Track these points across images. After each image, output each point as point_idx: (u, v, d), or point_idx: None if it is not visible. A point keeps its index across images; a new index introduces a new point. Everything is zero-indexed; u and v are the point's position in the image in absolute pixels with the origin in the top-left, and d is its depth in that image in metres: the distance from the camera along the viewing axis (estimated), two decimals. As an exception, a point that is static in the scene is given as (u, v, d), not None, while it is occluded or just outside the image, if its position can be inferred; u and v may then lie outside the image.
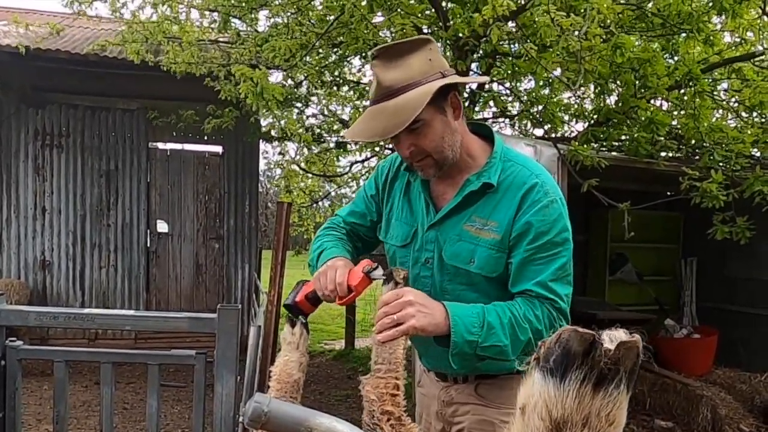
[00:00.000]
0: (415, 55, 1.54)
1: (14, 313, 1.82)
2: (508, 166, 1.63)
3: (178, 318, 1.82)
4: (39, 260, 7.44)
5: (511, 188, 1.59)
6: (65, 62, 6.69)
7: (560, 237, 1.56)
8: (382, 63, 1.55)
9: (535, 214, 1.54)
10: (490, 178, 1.61)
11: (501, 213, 1.59)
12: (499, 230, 1.58)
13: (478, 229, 1.61)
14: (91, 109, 7.51)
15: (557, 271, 1.55)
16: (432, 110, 1.53)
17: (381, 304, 1.47)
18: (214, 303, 8.03)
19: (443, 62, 1.59)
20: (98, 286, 7.59)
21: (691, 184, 3.72)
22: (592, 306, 5.63)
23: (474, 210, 1.63)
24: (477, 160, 1.66)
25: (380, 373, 1.45)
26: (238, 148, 7.90)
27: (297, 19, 5.32)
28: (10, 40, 6.67)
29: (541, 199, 1.55)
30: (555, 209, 1.56)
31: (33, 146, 7.39)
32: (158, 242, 7.89)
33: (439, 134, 1.57)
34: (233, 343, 1.75)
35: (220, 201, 8.02)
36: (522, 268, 1.56)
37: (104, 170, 7.56)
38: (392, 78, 1.53)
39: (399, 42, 1.59)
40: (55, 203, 7.45)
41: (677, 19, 4.28)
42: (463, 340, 1.46)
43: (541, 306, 1.53)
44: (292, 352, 1.76)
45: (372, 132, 1.55)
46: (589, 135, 4.67)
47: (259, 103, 4.56)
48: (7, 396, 1.85)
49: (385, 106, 1.53)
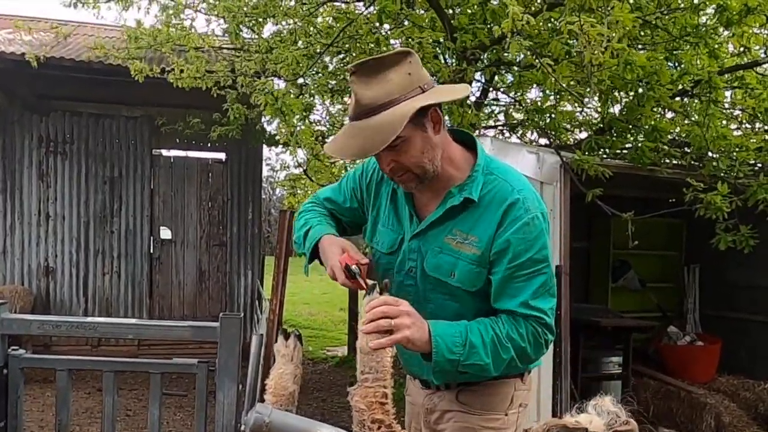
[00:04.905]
0: (394, 70, 1.51)
1: (17, 321, 1.83)
2: (491, 180, 1.62)
3: (180, 327, 1.83)
4: (42, 266, 7.45)
5: (493, 204, 1.59)
6: (69, 69, 6.71)
7: (540, 254, 1.56)
8: (360, 79, 1.52)
9: (516, 232, 1.55)
10: (471, 193, 1.60)
11: (481, 228, 1.59)
12: (479, 245, 1.59)
13: (458, 242, 1.61)
14: (95, 116, 7.54)
15: (539, 289, 1.56)
16: (411, 127, 1.51)
17: (378, 303, 1.47)
18: (216, 310, 8.03)
19: (423, 75, 1.57)
20: (101, 293, 7.59)
21: (695, 195, 3.71)
22: (595, 313, 5.61)
23: (455, 223, 1.63)
24: (460, 171, 1.66)
25: (368, 382, 1.46)
26: (241, 154, 7.92)
27: (303, 29, 5.35)
28: (14, 48, 6.70)
29: (522, 216, 1.56)
30: (536, 226, 1.56)
31: (37, 153, 7.41)
32: (161, 249, 7.90)
33: (419, 150, 1.55)
34: (235, 351, 1.75)
35: (223, 208, 8.03)
36: (503, 286, 1.57)
37: (108, 177, 7.58)
38: (371, 96, 1.50)
39: (378, 57, 1.55)
40: (58, 210, 7.47)
41: (683, 32, 4.29)
42: (444, 359, 1.49)
43: (525, 323, 1.55)
44: (287, 364, 1.75)
45: (350, 150, 1.54)
46: (592, 143, 4.67)
47: (278, 116, 4.59)
48: (9, 404, 1.86)
49: (364, 125, 1.50)
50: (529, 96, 6.46)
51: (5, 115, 7.28)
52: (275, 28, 6.33)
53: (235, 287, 8.00)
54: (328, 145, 1.67)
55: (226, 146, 7.76)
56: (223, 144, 7.62)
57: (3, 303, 1.83)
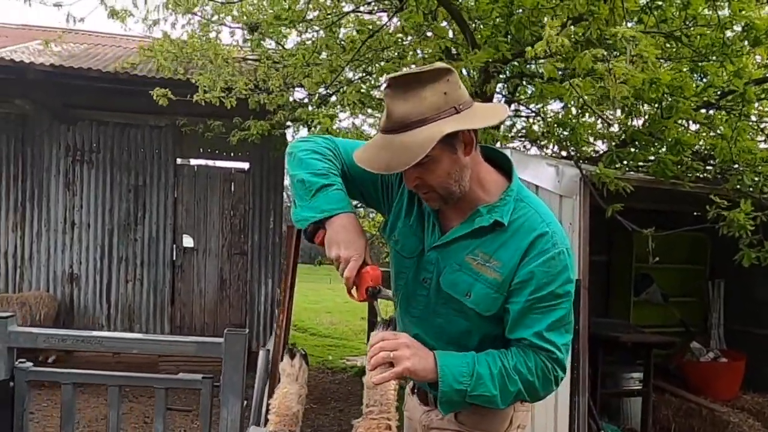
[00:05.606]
0: (429, 88, 1.46)
1: (23, 334, 1.84)
2: (521, 206, 1.60)
3: (185, 342, 1.83)
4: (67, 273, 7.57)
5: (520, 231, 1.57)
6: (96, 80, 6.84)
7: (562, 289, 1.54)
8: (394, 93, 1.48)
9: (541, 265, 1.53)
10: (502, 216, 1.57)
11: (506, 254, 1.56)
12: (502, 271, 1.56)
13: (479, 263, 1.58)
14: (121, 126, 7.66)
15: (556, 322, 1.54)
16: (441, 148, 1.47)
17: (377, 340, 1.50)
18: (237, 318, 8.08)
19: (459, 95, 1.51)
20: (124, 300, 7.69)
21: (718, 213, 3.66)
22: (614, 328, 5.55)
23: (480, 244, 1.59)
24: (488, 194, 1.62)
25: (372, 414, 1.47)
26: (263, 163, 7.98)
27: (326, 41, 5.40)
28: (44, 59, 6.85)
29: (549, 250, 1.54)
30: (561, 261, 1.54)
31: (64, 162, 7.55)
32: (183, 257, 7.98)
33: (446, 171, 1.52)
34: (240, 368, 1.75)
35: (244, 217, 8.10)
36: (521, 317, 1.54)
37: (132, 185, 7.69)
38: (402, 111, 1.46)
39: (415, 71, 1.50)
40: (84, 217, 7.59)
41: (709, 49, 4.25)
42: (451, 388, 1.48)
43: (535, 357, 1.53)
44: (291, 384, 1.74)
45: (378, 164, 1.52)
46: (613, 156, 4.64)
47: None
48: (15, 417, 1.86)
49: (393, 140, 1.48)
50: (550, 107, 6.45)
51: (34, 125, 7.44)
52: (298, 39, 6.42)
53: (256, 295, 8.05)
54: (358, 154, 1.58)
55: (248, 155, 7.83)
56: (246, 153, 7.69)
57: (11, 316, 1.84)
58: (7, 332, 1.80)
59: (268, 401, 1.71)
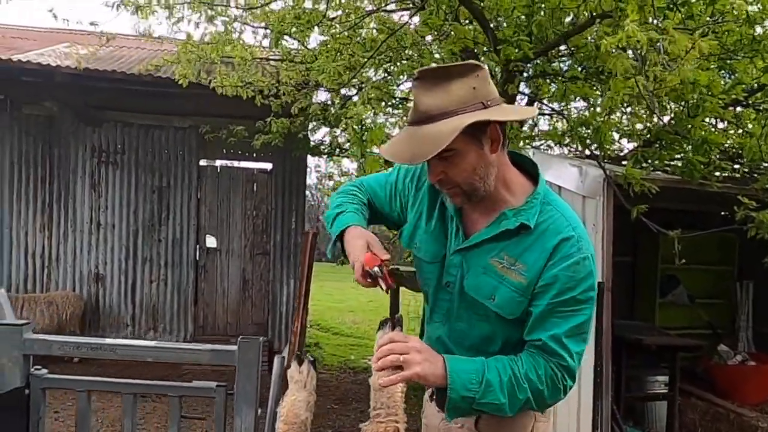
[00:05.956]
0: (458, 82, 1.47)
1: (38, 342, 1.85)
2: (547, 209, 1.58)
3: (198, 350, 1.83)
4: (93, 273, 7.68)
5: (546, 234, 1.55)
6: (121, 82, 6.93)
7: (585, 295, 1.52)
8: (422, 85, 1.49)
9: (565, 269, 1.51)
10: (528, 219, 1.56)
11: (531, 257, 1.55)
12: (527, 274, 1.54)
13: (504, 267, 1.56)
14: (146, 127, 7.76)
15: (574, 328, 1.52)
16: (466, 141, 1.48)
17: (385, 341, 1.48)
18: (260, 318, 8.13)
19: (489, 91, 1.51)
20: (148, 300, 7.78)
21: (746, 214, 3.58)
22: (638, 330, 5.46)
23: (505, 247, 1.58)
24: (514, 196, 1.61)
25: (380, 417, 1.45)
26: (286, 164, 8.02)
27: (348, 37, 5.38)
28: (70, 62, 6.95)
29: (573, 255, 1.52)
30: (585, 266, 1.53)
31: (90, 163, 7.66)
32: (207, 257, 8.05)
33: (471, 166, 1.52)
34: (253, 376, 1.73)
35: (267, 217, 8.15)
36: (541, 320, 1.53)
37: (156, 186, 7.78)
38: (428, 103, 1.47)
39: (446, 66, 1.52)
40: (109, 218, 7.70)
41: (738, 45, 4.16)
42: (459, 396, 1.46)
43: (545, 365, 1.51)
44: (300, 391, 1.71)
45: (401, 156, 1.53)
46: (638, 156, 4.56)
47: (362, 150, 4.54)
48: (31, 425, 1.86)
49: (417, 131, 1.48)
50: (573, 105, 6.36)
51: (61, 126, 7.56)
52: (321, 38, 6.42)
53: (278, 295, 8.09)
54: (384, 147, 1.62)
55: (271, 156, 7.87)
56: (269, 154, 7.73)
57: (26, 323, 1.85)
58: (23, 339, 1.80)
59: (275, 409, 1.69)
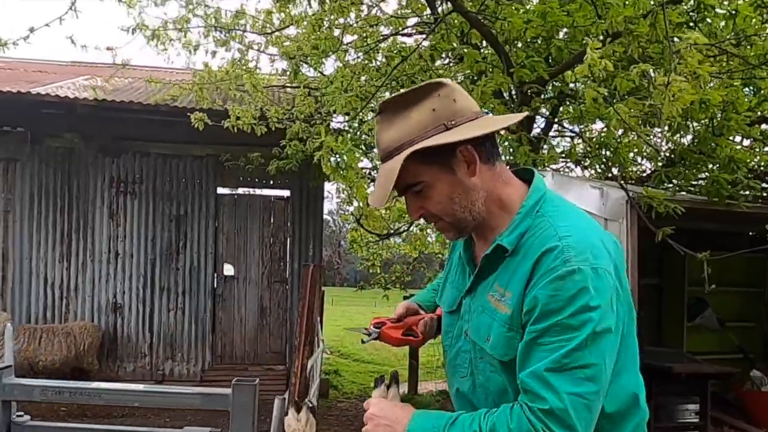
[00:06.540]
0: (417, 107, 1.32)
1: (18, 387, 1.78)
2: (538, 223, 1.32)
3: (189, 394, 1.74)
4: (111, 303, 7.67)
5: (530, 252, 1.28)
6: (139, 112, 6.98)
7: (575, 319, 1.18)
8: (383, 119, 1.35)
9: (545, 287, 1.21)
10: (503, 240, 1.33)
11: (515, 282, 1.29)
12: (510, 302, 1.29)
13: (497, 300, 1.34)
14: (163, 157, 7.80)
15: (562, 359, 1.18)
16: (433, 170, 1.32)
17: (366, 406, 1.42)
18: (277, 346, 8.05)
19: (454, 109, 1.33)
20: (166, 329, 7.74)
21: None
22: (667, 358, 5.27)
23: (496, 277, 1.36)
24: (513, 216, 1.38)
25: None
26: (303, 190, 8.00)
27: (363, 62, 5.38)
28: (88, 94, 7.02)
29: (556, 268, 1.21)
30: (574, 282, 1.19)
31: (108, 193, 7.71)
32: (224, 285, 8.01)
33: (446, 196, 1.34)
34: (249, 421, 1.64)
35: (284, 244, 8.11)
36: (524, 355, 1.24)
37: (174, 215, 7.79)
38: (387, 138, 1.33)
39: (404, 92, 1.36)
40: (127, 248, 7.71)
41: (761, 60, 4.06)
42: None
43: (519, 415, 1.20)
44: None
45: (371, 201, 1.40)
46: (662, 176, 4.44)
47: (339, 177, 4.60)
48: None
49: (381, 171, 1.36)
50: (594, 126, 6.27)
51: (81, 157, 7.62)
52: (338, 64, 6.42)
53: (296, 323, 7.99)
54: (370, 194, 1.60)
55: (288, 183, 7.86)
56: (286, 181, 7.71)
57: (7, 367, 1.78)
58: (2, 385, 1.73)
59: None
